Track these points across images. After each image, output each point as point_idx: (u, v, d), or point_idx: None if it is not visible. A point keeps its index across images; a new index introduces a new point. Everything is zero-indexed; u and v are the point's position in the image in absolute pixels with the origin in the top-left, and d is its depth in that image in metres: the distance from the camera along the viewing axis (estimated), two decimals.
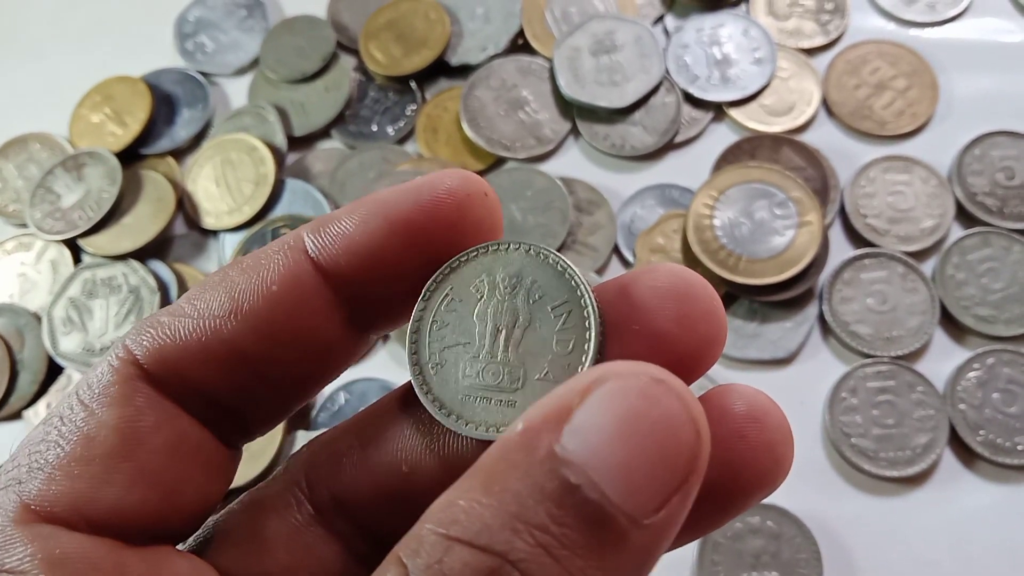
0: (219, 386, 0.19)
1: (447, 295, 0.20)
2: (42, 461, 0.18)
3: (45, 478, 0.17)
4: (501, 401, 0.19)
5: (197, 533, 0.20)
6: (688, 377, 0.18)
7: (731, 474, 0.18)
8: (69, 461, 0.17)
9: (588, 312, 0.19)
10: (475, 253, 0.20)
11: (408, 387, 0.21)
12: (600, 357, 0.19)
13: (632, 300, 0.18)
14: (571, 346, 0.19)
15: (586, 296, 0.19)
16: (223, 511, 0.21)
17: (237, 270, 0.19)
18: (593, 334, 0.18)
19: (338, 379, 0.24)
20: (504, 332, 0.19)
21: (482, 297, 0.20)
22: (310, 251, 0.19)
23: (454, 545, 0.14)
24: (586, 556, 0.14)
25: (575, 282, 0.19)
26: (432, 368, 0.19)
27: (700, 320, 0.18)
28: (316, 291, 0.19)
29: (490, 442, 0.18)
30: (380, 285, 0.20)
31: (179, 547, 0.20)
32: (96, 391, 0.18)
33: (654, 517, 0.15)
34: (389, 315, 0.20)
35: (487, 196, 0.19)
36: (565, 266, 0.19)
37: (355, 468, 0.20)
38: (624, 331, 0.18)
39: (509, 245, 0.20)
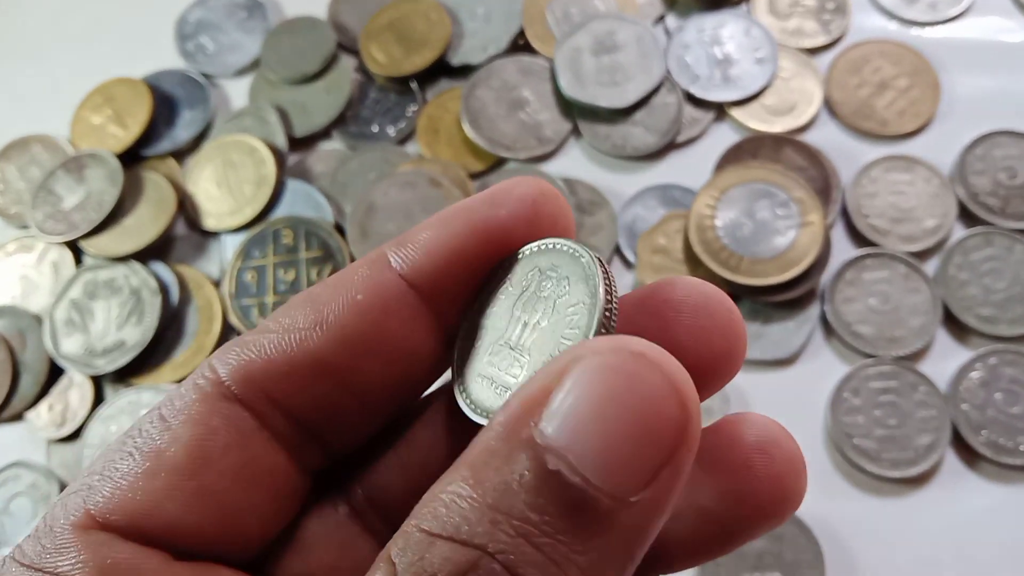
0: (304, 402, 0.19)
1: (512, 277, 0.20)
2: (113, 470, 0.18)
3: (112, 487, 0.18)
4: (498, 387, 0.19)
5: None
6: (705, 391, 0.18)
7: (735, 503, 0.18)
8: (136, 473, 0.18)
9: (593, 314, 0.18)
10: (545, 246, 0.20)
11: (437, 388, 0.21)
12: None
13: (649, 312, 0.18)
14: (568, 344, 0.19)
15: (597, 296, 0.18)
16: None
17: (321, 287, 0.19)
18: (591, 329, 0.18)
19: None
20: (525, 324, 0.19)
21: (527, 287, 0.20)
22: (394, 263, 0.19)
23: (436, 541, 0.15)
24: (570, 541, 0.14)
25: (593, 283, 0.19)
26: (471, 341, 0.20)
27: (716, 334, 0.18)
28: (402, 300, 0.19)
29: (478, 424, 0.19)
30: (465, 288, 0.20)
31: None
32: (177, 407, 0.18)
33: (641, 494, 0.14)
34: None
35: (559, 196, 0.20)
36: (593, 269, 0.19)
37: (387, 466, 0.21)
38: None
39: (578, 251, 0.19)
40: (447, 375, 0.21)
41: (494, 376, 0.19)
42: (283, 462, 0.19)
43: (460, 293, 0.20)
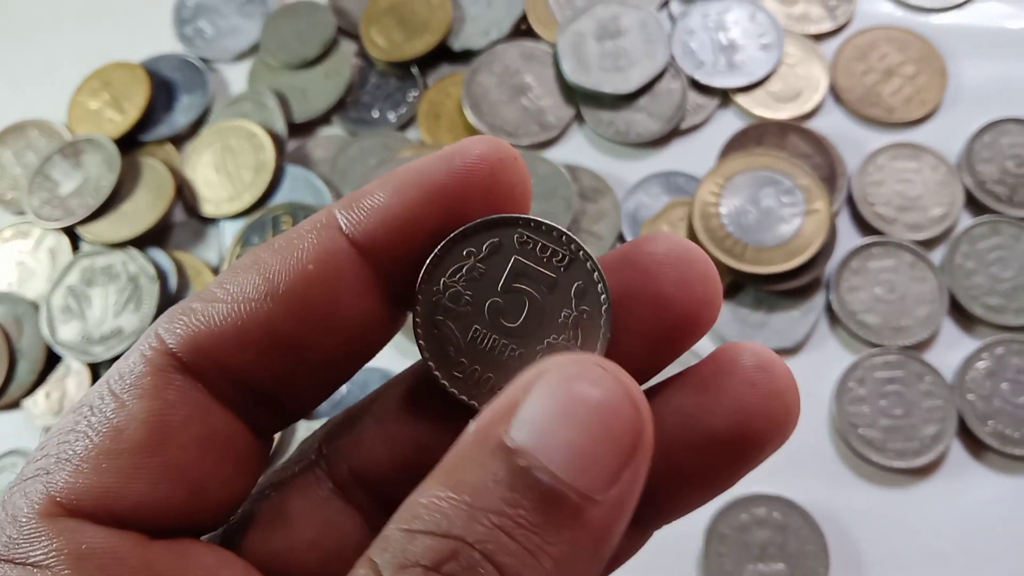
0: (255, 371, 0.19)
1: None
2: (70, 452, 0.17)
3: (72, 470, 0.17)
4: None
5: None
6: (689, 339, 0.19)
7: (743, 422, 0.18)
8: (97, 454, 0.17)
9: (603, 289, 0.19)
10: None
11: (417, 364, 0.21)
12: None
13: (634, 266, 0.19)
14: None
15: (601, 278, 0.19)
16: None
17: (268, 251, 0.19)
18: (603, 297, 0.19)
19: None
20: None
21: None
22: (344, 227, 0.19)
23: (417, 536, 0.15)
24: (543, 533, 0.15)
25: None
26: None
27: (698, 283, 0.19)
28: (353, 267, 0.19)
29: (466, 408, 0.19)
30: (417, 256, 0.19)
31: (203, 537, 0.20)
32: (127, 382, 0.18)
33: (607, 493, 0.15)
34: None
35: (517, 161, 0.19)
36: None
37: (372, 441, 0.21)
38: (627, 297, 0.19)
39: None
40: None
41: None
42: (240, 429, 0.19)
43: (410, 259, 0.20)
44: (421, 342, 0.19)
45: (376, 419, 0.21)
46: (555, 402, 0.16)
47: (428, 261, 0.19)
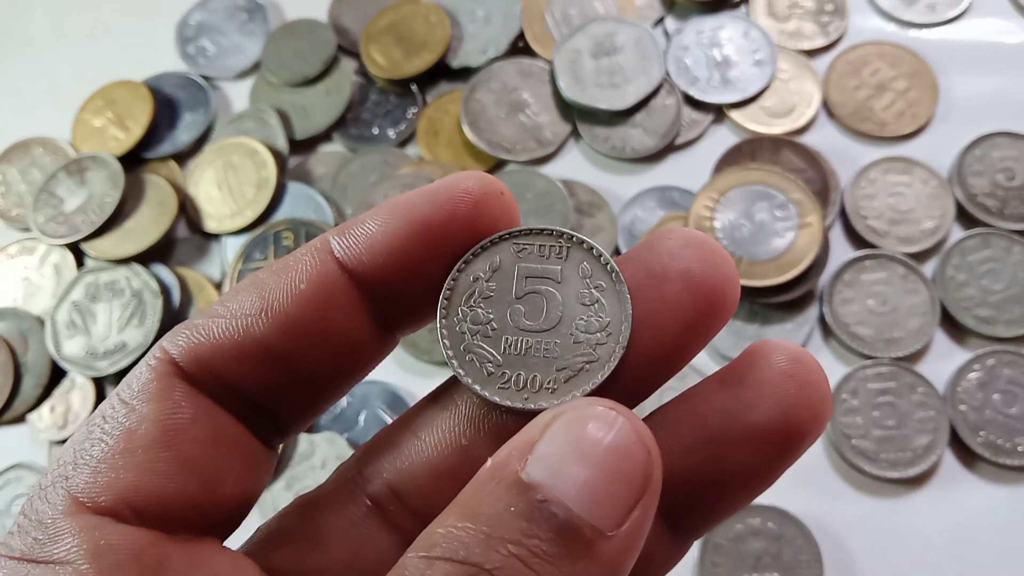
0: (253, 384, 0.20)
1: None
2: (87, 457, 0.18)
3: (91, 472, 0.18)
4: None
5: (250, 536, 0.21)
6: (719, 318, 0.20)
7: (785, 414, 0.19)
8: (113, 454, 0.18)
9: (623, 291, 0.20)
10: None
11: (450, 379, 0.22)
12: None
13: (659, 251, 0.20)
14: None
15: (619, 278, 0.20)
16: (274, 515, 0.22)
17: (267, 272, 0.20)
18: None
19: None
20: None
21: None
22: (336, 252, 0.20)
23: (435, 562, 0.16)
24: (558, 564, 0.16)
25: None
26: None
27: (719, 261, 0.19)
28: (343, 290, 0.20)
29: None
30: (403, 284, 0.20)
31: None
32: (135, 389, 0.19)
33: (618, 530, 0.16)
34: (413, 314, 0.21)
35: (503, 195, 0.20)
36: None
37: (412, 453, 0.21)
38: (659, 277, 0.20)
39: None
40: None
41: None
42: (245, 432, 0.20)
43: (396, 286, 0.20)
44: (460, 371, 0.20)
45: (412, 431, 0.21)
46: (570, 442, 0.16)
47: (441, 297, 0.20)
